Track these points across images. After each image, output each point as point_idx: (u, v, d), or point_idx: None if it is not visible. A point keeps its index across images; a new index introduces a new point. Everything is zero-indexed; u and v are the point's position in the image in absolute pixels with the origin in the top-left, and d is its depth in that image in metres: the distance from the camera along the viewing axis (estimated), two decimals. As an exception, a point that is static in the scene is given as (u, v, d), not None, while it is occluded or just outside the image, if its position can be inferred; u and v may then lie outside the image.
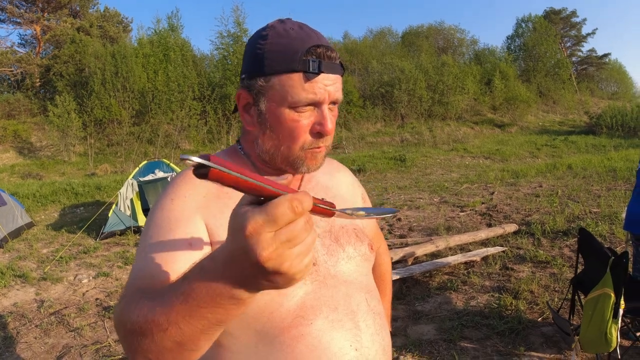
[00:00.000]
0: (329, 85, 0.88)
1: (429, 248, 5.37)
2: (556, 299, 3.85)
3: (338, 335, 0.88)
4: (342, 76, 0.93)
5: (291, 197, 0.53)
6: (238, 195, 0.91)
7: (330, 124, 0.90)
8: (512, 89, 29.06)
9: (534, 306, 3.77)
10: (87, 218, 8.99)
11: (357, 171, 14.72)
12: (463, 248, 5.61)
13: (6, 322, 4.62)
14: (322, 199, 0.66)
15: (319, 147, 0.92)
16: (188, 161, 0.49)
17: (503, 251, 5.30)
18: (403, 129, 25.26)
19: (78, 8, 29.46)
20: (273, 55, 0.86)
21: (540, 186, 9.67)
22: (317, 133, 0.90)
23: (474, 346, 3.25)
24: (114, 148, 21.52)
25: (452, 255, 5.31)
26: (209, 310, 0.60)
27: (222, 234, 0.86)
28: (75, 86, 22.93)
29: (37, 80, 26.00)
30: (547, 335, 3.29)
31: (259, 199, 0.55)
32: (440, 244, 5.46)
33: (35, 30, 27.72)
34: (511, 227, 6.15)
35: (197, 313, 0.61)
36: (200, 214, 0.89)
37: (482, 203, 8.38)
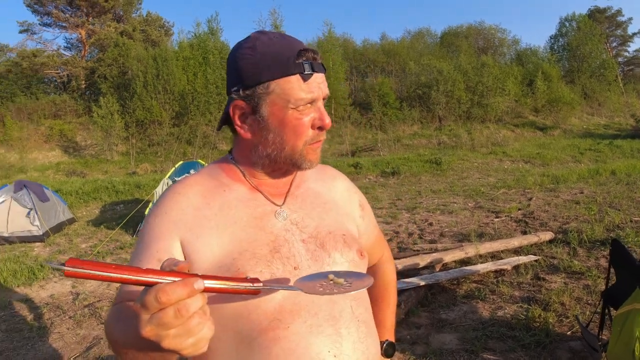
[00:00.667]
0: (320, 83, 0.95)
1: (457, 255, 5.26)
2: (587, 313, 3.69)
3: (316, 341, 0.89)
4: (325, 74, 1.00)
5: (157, 288, 0.59)
6: (217, 204, 0.97)
7: (328, 118, 0.97)
8: (555, 91, 28.22)
9: (564, 319, 3.63)
10: (126, 215, 9.26)
11: (391, 174, 14.60)
12: (494, 256, 5.46)
13: (42, 312, 4.82)
14: (247, 277, 0.73)
15: (319, 142, 0.99)
16: (50, 265, 0.58)
17: (536, 260, 5.12)
18: (440, 132, 24.91)
19: (121, 13, 30.46)
20: (267, 62, 0.92)
21: (581, 192, 9.33)
22: (319, 127, 0.97)
23: (497, 358, 3.15)
24: (154, 148, 22.13)
25: (482, 262, 5.17)
26: (152, 350, 0.69)
27: (199, 245, 0.92)
28: (119, 88, 23.73)
29: (83, 82, 27.03)
30: (574, 350, 3.16)
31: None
32: (470, 250, 5.34)
33: (80, 34, 28.83)
34: (546, 235, 5.95)
35: (146, 353, 0.72)
36: (177, 229, 0.94)
37: (519, 209, 8.15)
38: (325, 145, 22.90)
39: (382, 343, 1.21)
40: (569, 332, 3.43)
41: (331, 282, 0.82)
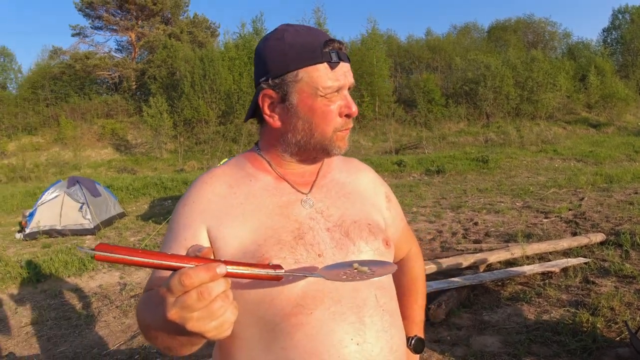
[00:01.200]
0: (346, 71, 0.98)
1: (503, 255, 5.12)
2: (638, 318, 3.50)
3: (338, 328, 0.90)
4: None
5: (181, 272, 0.62)
6: (243, 194, 0.99)
7: (354, 106, 0.99)
8: (609, 86, 26.84)
9: (613, 324, 3.45)
10: (173, 210, 9.54)
11: (436, 172, 14.36)
12: (542, 257, 5.29)
13: (90, 301, 5.05)
14: (269, 263, 0.75)
15: (347, 129, 1.01)
16: (83, 252, 0.60)
17: (586, 263, 4.91)
18: (488, 129, 24.25)
19: (169, 15, 31.29)
20: (296, 52, 0.95)
21: (636, 193, 8.87)
22: (346, 115, 0.99)
23: (540, 363, 3.05)
24: (201, 146, 22.65)
25: (528, 264, 5.01)
26: (179, 334, 0.72)
27: (225, 233, 0.95)
28: (167, 88, 24.43)
29: (133, 83, 27.98)
30: (622, 356, 3.00)
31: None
32: (516, 251, 5.18)
33: (130, 36, 29.83)
34: (598, 237, 5.69)
35: (171, 335, 0.74)
36: (203, 218, 0.97)
37: (569, 209, 7.84)
38: (369, 143, 22.80)
39: (410, 339, 1.20)
40: (617, 338, 3.27)
41: (355, 270, 0.82)
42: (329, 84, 0.94)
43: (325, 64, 0.94)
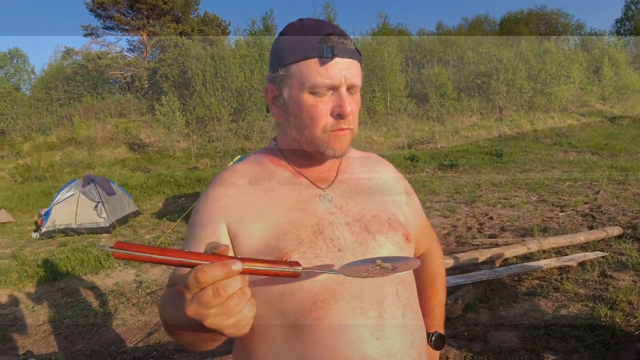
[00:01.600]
0: (344, 69, 0.92)
1: (519, 250, 5.08)
2: (659, 313, 3.47)
3: (359, 323, 0.90)
4: (359, 62, 0.97)
5: (197, 268, 0.62)
6: (262, 189, 1.00)
7: (349, 106, 0.93)
8: (623, 77, 26.48)
9: (631, 319, 3.41)
10: (187, 208, 9.59)
11: (449, 166, 14.25)
12: (559, 251, 5.23)
13: (107, 299, 5.10)
14: (287, 259, 0.75)
15: (341, 129, 0.95)
16: (102, 249, 0.64)
17: (603, 256, 4.85)
18: (501, 122, 24.01)
19: (180, 14, 31.34)
20: (291, 46, 0.94)
21: (654, 185, 8.76)
22: (337, 115, 0.94)
23: (558, 358, 3.02)
24: (213, 144, 22.72)
25: (545, 258, 4.97)
26: (200, 331, 0.71)
27: (244, 229, 0.95)
28: (179, 87, 24.54)
29: (145, 82, 28.13)
30: (643, 352, 2.98)
31: None
32: (533, 246, 5.14)
33: (142, 36, 29.98)
34: (615, 231, 5.62)
35: (195, 333, 0.75)
36: (223, 215, 0.97)
37: (585, 203, 7.75)
38: (381, 138, 22.71)
39: (431, 335, 1.19)
40: (636, 333, 3.23)
41: (378, 267, 0.82)
42: (318, 81, 0.91)
43: (316, 59, 0.91)
